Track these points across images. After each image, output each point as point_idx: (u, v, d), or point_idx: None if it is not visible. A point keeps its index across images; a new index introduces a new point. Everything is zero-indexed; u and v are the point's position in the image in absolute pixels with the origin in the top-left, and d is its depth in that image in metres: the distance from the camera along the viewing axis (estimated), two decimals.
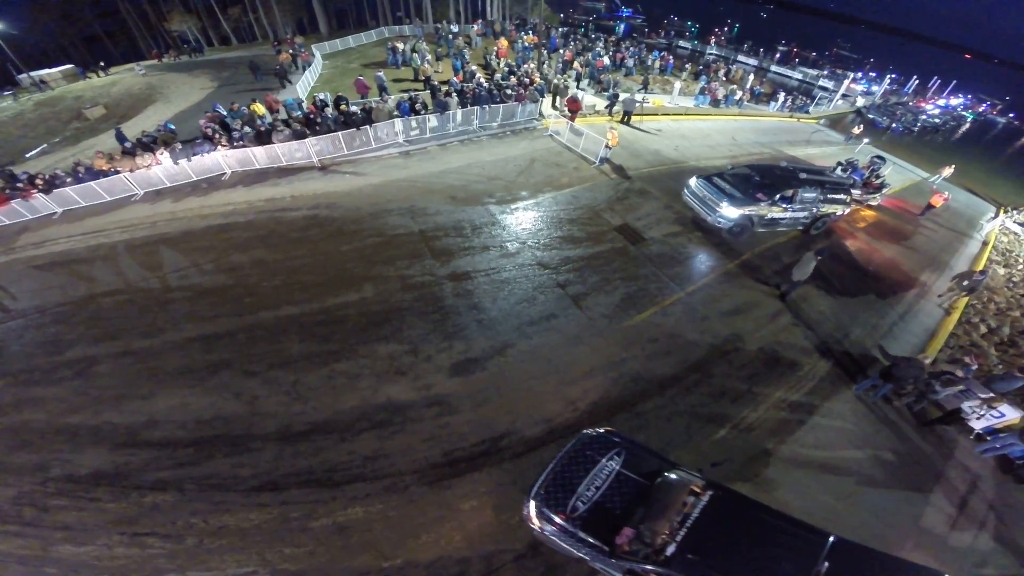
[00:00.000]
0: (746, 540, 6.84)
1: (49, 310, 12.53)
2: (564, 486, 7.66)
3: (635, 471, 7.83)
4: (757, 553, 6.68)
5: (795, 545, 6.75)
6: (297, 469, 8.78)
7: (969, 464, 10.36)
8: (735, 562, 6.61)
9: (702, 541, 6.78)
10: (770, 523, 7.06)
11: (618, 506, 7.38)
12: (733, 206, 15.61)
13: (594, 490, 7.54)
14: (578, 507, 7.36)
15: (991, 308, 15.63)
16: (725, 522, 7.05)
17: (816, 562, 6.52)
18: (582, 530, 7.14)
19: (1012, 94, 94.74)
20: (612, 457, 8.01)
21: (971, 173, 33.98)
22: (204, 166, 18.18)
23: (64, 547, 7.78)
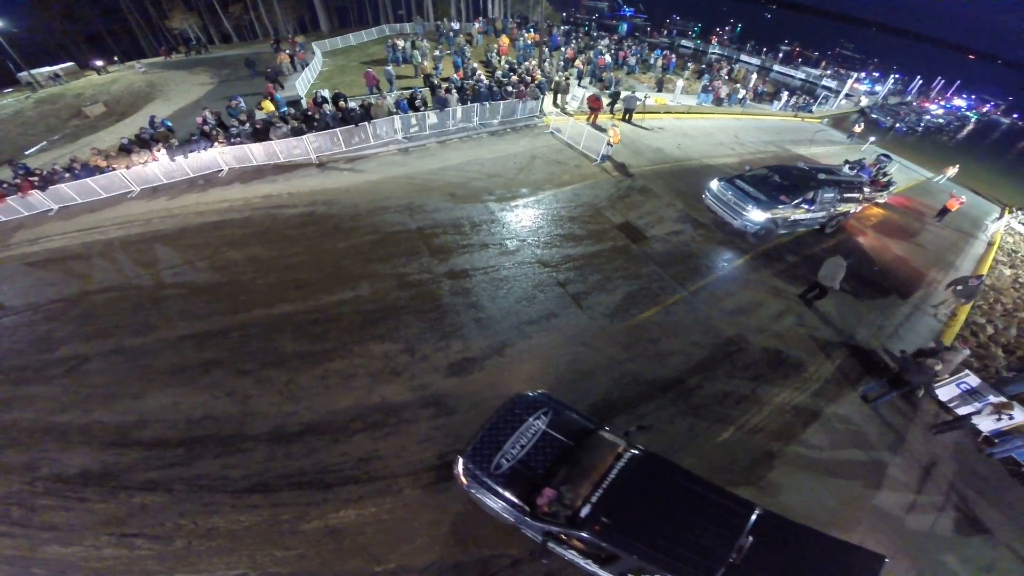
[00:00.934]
0: (665, 506, 6.76)
1: (42, 307, 12.37)
2: (492, 444, 7.65)
3: (561, 432, 7.82)
4: (676, 520, 6.59)
5: (718, 515, 6.65)
6: (289, 471, 8.60)
7: (977, 467, 10.16)
8: (651, 528, 6.50)
9: (617, 505, 6.68)
10: (693, 491, 6.96)
11: (541, 466, 7.38)
12: (760, 210, 15.47)
13: (519, 448, 7.54)
14: (502, 464, 7.38)
15: (998, 309, 15.41)
16: (645, 487, 6.96)
17: (740, 534, 6.45)
18: (504, 488, 7.16)
19: (1016, 95, 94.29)
20: (539, 416, 8.00)
21: (976, 174, 33.85)
22: (201, 163, 18.00)
23: (51, 547, 7.65)
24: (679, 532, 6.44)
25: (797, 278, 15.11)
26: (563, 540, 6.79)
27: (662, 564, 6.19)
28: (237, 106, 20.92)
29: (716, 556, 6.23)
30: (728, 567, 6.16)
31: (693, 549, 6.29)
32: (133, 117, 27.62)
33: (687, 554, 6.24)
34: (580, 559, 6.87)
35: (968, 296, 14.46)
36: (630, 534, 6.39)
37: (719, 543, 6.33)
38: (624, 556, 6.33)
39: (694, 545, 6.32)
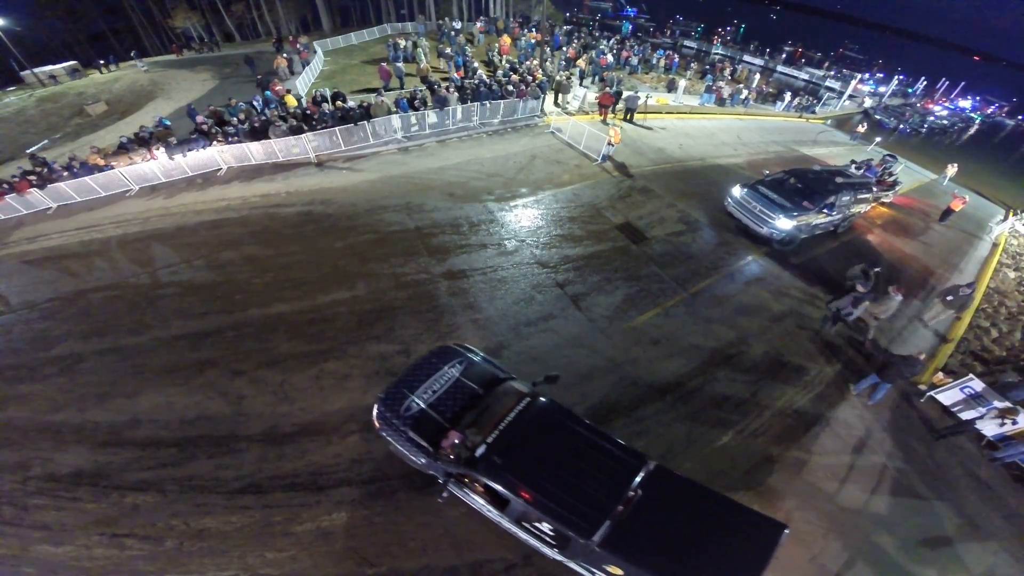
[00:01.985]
0: (558, 453, 6.91)
1: (39, 306, 12.35)
2: (406, 390, 7.93)
3: (474, 380, 8.07)
4: (567, 467, 6.72)
5: (610, 465, 6.81)
6: (282, 472, 8.52)
7: (980, 472, 10.04)
8: (540, 472, 6.64)
9: (511, 448, 6.84)
10: (588, 440, 7.12)
11: (450, 410, 7.63)
12: (787, 217, 15.44)
13: (430, 393, 7.81)
14: (411, 407, 7.65)
15: (1002, 312, 15.24)
16: (540, 433, 7.13)
17: (629, 484, 6.61)
18: (411, 430, 7.41)
19: (1020, 96, 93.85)
20: (455, 365, 8.27)
21: (980, 175, 33.67)
22: (199, 161, 17.97)
23: (43, 547, 7.61)
24: (568, 478, 6.59)
25: (799, 280, 15.04)
26: (466, 483, 7.04)
27: (547, 509, 6.31)
28: (236, 105, 20.84)
29: (602, 506, 6.36)
30: (614, 517, 6.29)
31: (580, 497, 6.42)
32: (135, 115, 27.63)
33: (573, 501, 6.36)
34: (482, 503, 7.10)
35: (960, 307, 13.78)
36: (518, 476, 6.54)
37: (607, 493, 6.47)
38: (513, 499, 6.46)
39: (582, 493, 6.46)
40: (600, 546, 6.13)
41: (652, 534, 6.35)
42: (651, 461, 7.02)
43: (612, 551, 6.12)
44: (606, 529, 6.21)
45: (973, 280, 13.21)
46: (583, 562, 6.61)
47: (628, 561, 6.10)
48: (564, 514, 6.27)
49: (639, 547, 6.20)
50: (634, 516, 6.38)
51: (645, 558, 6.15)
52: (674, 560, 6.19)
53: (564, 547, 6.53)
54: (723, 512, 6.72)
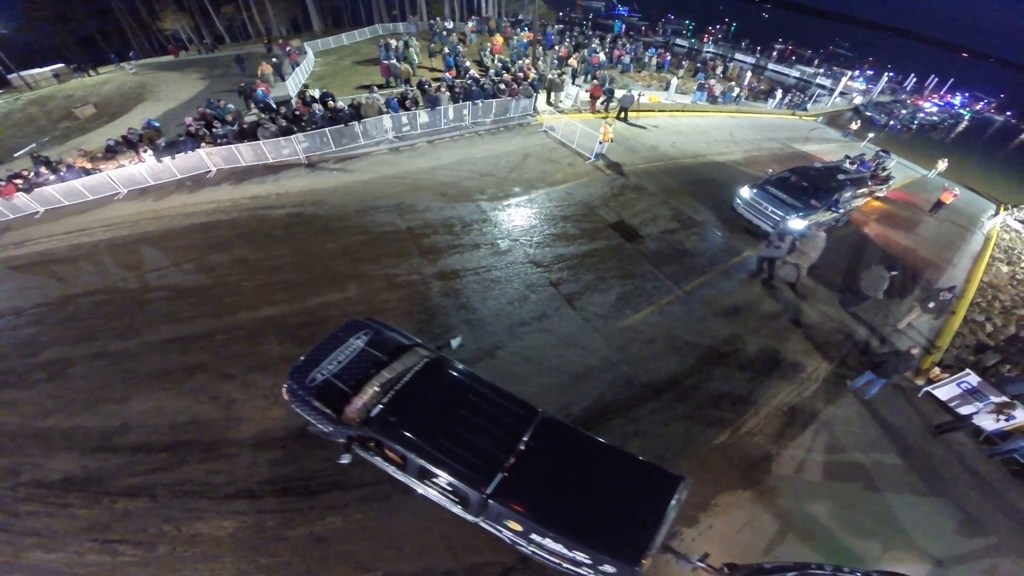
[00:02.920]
0: (452, 408, 7.17)
1: (26, 311, 12.17)
2: (312, 363, 8.10)
3: (379, 349, 8.26)
4: (460, 422, 6.97)
5: (501, 417, 7.09)
6: (273, 476, 8.42)
7: (978, 468, 10.03)
8: (433, 425, 6.92)
9: (406, 407, 7.14)
10: (482, 393, 7.41)
11: (353, 378, 7.77)
12: (799, 217, 15.49)
13: (335, 364, 7.99)
14: (316, 378, 7.82)
15: (996, 306, 15.30)
16: (434, 391, 7.45)
17: (521, 436, 6.86)
18: (316, 399, 7.58)
19: (1009, 92, 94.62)
20: (360, 336, 8.48)
21: (970, 171, 34.00)
22: (189, 164, 17.80)
23: (34, 553, 7.53)
24: (460, 432, 6.84)
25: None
26: (371, 447, 7.30)
27: (440, 463, 6.57)
28: (224, 106, 20.66)
29: (494, 458, 6.60)
30: (506, 469, 6.54)
31: (472, 450, 6.67)
32: (123, 118, 27.36)
33: (465, 454, 6.62)
34: (385, 464, 7.42)
35: (939, 312, 13.30)
36: (410, 432, 6.81)
37: (499, 446, 6.72)
38: (408, 456, 6.71)
39: (474, 446, 6.71)
40: (493, 498, 6.35)
41: (546, 486, 6.59)
42: (542, 412, 7.31)
43: (506, 503, 6.35)
44: (500, 481, 6.44)
45: (955, 284, 12.96)
46: (489, 520, 6.81)
47: (522, 513, 6.31)
48: (456, 467, 6.53)
49: (533, 499, 6.44)
50: (527, 468, 6.63)
51: (539, 509, 6.36)
52: (568, 511, 6.38)
53: (466, 504, 6.74)
54: (619, 464, 6.99)
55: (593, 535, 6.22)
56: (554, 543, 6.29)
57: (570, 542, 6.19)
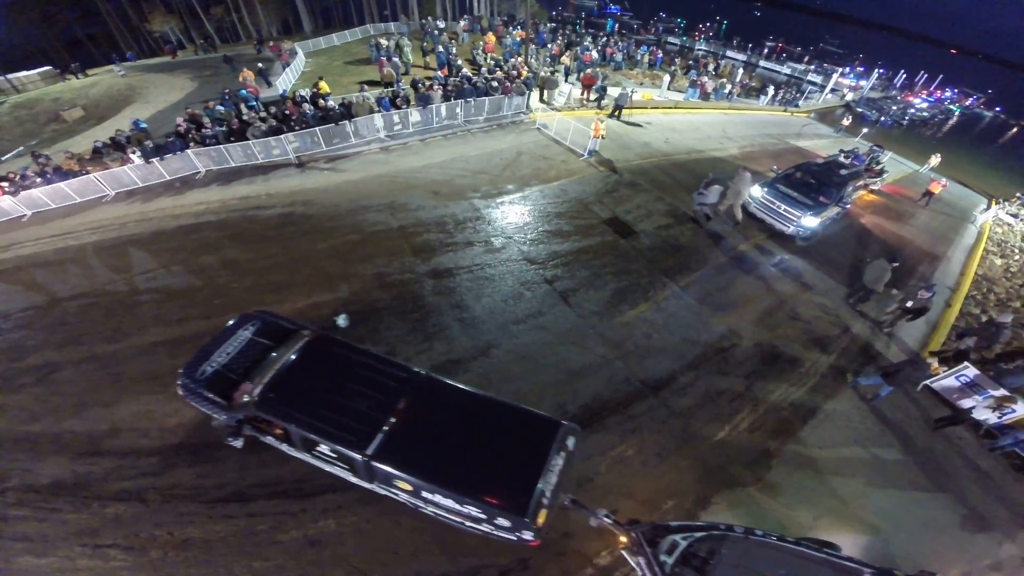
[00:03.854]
0: (331, 379, 7.46)
1: (12, 315, 11.92)
2: (203, 358, 8.32)
3: (267, 337, 8.52)
4: (339, 392, 7.27)
5: (380, 382, 7.40)
6: (265, 479, 8.27)
7: (979, 462, 9.98)
8: (312, 398, 7.22)
9: (287, 383, 7.43)
10: (360, 362, 7.75)
11: (241, 367, 8.05)
12: (812, 215, 15.64)
13: (224, 356, 8.24)
14: (206, 371, 8.06)
15: (991, 299, 15.34)
16: (316, 366, 7.72)
17: (400, 397, 7.18)
18: (206, 389, 7.83)
19: (997, 89, 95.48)
20: (247, 328, 8.72)
21: (961, 165, 34.18)
22: (177, 165, 17.58)
23: (25, 558, 7.40)
24: (340, 401, 7.13)
25: (791, 270, 15.06)
26: (262, 428, 7.53)
27: (321, 432, 6.84)
28: (214, 107, 20.44)
29: (373, 421, 6.87)
30: (386, 430, 6.81)
31: (352, 415, 6.95)
32: (112, 120, 27.05)
33: (346, 421, 6.89)
34: (276, 442, 7.69)
35: (917, 312, 12.65)
36: (290, 406, 7.09)
37: (378, 409, 7.00)
38: (290, 428, 6.98)
39: (353, 412, 6.99)
40: (376, 458, 6.61)
41: (429, 442, 6.86)
42: (423, 372, 7.65)
43: (390, 462, 6.59)
44: (380, 442, 6.70)
45: (934, 283, 12.83)
46: (380, 484, 7.09)
47: (406, 471, 6.55)
48: (336, 432, 6.82)
49: (415, 456, 6.68)
50: (408, 427, 6.92)
51: (421, 465, 6.59)
52: (450, 464, 6.65)
53: (355, 469, 6.99)
54: (500, 416, 7.29)
55: (475, 485, 6.47)
56: (444, 499, 6.54)
57: (455, 495, 6.42)
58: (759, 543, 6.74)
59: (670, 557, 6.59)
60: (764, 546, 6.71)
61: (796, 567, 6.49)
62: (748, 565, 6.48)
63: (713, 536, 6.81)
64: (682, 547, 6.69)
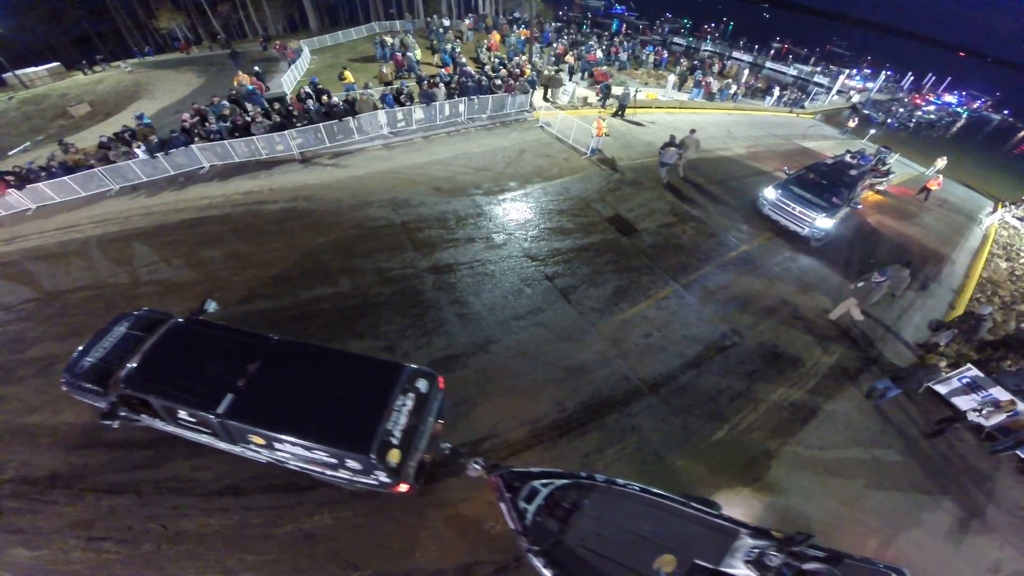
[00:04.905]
0: (187, 353, 7.82)
1: (15, 308, 12.00)
2: (83, 355, 8.79)
3: (140, 329, 9.01)
4: (194, 362, 7.59)
5: (233, 349, 7.76)
6: (260, 473, 8.23)
7: (980, 464, 9.86)
8: (168, 370, 7.55)
9: (148, 362, 7.72)
10: (216, 336, 8.14)
11: (117, 357, 8.52)
12: (827, 216, 15.66)
13: (102, 351, 8.73)
14: (84, 365, 8.57)
15: (996, 302, 15.19)
16: (175, 344, 8.02)
17: (251, 360, 7.50)
18: (84, 381, 8.34)
19: (1006, 91, 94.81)
20: (122, 324, 9.21)
21: (968, 168, 33.90)
22: (181, 160, 17.65)
23: (18, 550, 7.44)
24: (192, 369, 7.46)
25: (793, 270, 14.94)
26: (136, 407, 7.78)
27: (178, 399, 7.19)
28: (219, 103, 20.47)
29: (224, 384, 7.18)
30: (237, 390, 7.12)
31: (202, 380, 7.28)
32: (118, 116, 27.17)
33: (199, 387, 7.21)
34: (149, 420, 7.93)
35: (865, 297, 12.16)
36: (151, 380, 7.42)
37: (228, 373, 7.33)
38: (151, 399, 7.33)
39: (203, 377, 7.32)
40: (227, 417, 6.92)
41: (276, 397, 7.18)
42: (273, 338, 7.97)
43: (240, 419, 6.92)
44: (230, 402, 7.00)
45: (887, 267, 12.71)
46: (242, 444, 7.38)
47: (254, 424, 6.89)
48: (190, 397, 7.16)
49: (264, 410, 6.99)
50: (259, 386, 7.24)
51: (268, 416, 6.92)
52: (297, 413, 6.95)
53: (215, 432, 7.30)
54: (346, 366, 7.67)
55: (319, 429, 6.77)
56: (293, 446, 6.87)
57: (301, 440, 6.73)
58: (625, 495, 6.97)
59: (530, 504, 6.83)
60: (629, 498, 6.93)
61: (662, 521, 6.62)
62: (611, 518, 6.67)
63: (577, 485, 7.06)
64: (542, 494, 6.94)
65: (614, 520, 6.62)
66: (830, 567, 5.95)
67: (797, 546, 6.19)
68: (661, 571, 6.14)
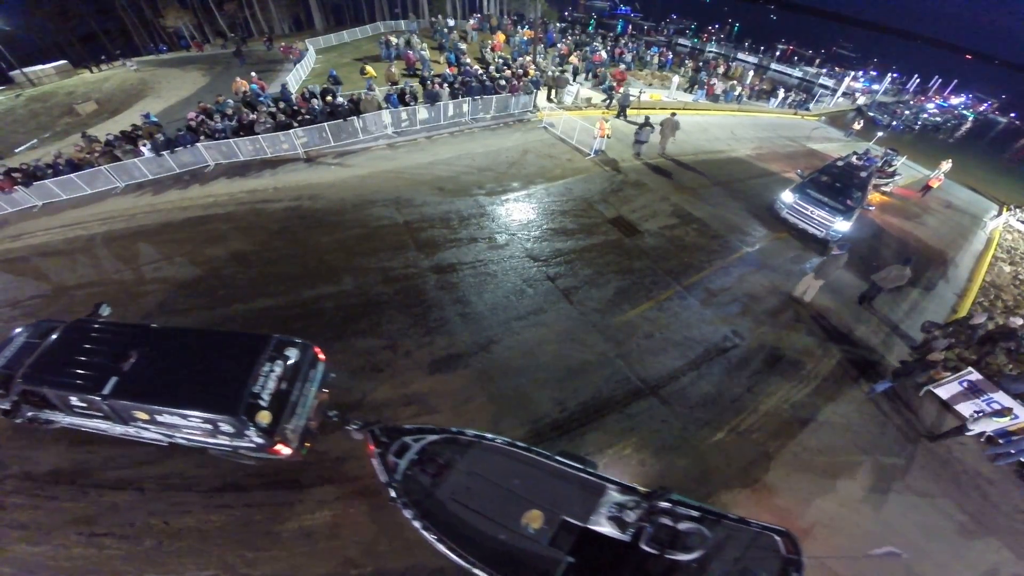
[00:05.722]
0: (79, 347, 8.06)
1: (21, 303, 12.14)
2: None
3: (39, 336, 9.14)
4: (85, 351, 7.93)
5: (116, 339, 8.10)
6: (262, 470, 8.28)
7: (980, 468, 9.82)
8: (57, 365, 7.86)
9: (44, 361, 7.98)
10: (105, 329, 8.51)
11: (18, 363, 8.55)
12: (844, 219, 15.82)
13: (3, 359, 8.92)
14: None
15: (999, 306, 15.14)
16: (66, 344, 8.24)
17: (133, 346, 7.84)
18: None
19: (1012, 94, 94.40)
20: (23, 334, 9.48)
21: (973, 171, 33.78)
22: (187, 158, 17.77)
23: (20, 546, 7.46)
24: (84, 361, 7.81)
25: (795, 272, 14.86)
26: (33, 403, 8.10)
27: (67, 387, 7.57)
28: (224, 101, 20.58)
29: (108, 369, 7.54)
30: (120, 374, 7.47)
31: (91, 368, 7.65)
32: (125, 114, 27.39)
33: (85, 374, 7.59)
34: (50, 414, 8.26)
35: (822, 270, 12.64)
36: (44, 374, 7.77)
37: (112, 359, 7.70)
38: (46, 393, 7.70)
39: (93, 365, 7.70)
40: (112, 397, 7.30)
41: (154, 375, 7.56)
42: (152, 326, 8.41)
43: (124, 397, 7.32)
44: (114, 384, 7.38)
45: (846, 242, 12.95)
46: (131, 424, 7.76)
47: (136, 399, 7.32)
48: (77, 383, 7.54)
49: (143, 387, 7.41)
50: (139, 368, 7.61)
51: (149, 392, 7.34)
52: (172, 386, 7.38)
53: (106, 415, 7.68)
54: (220, 343, 8.17)
55: (191, 397, 7.22)
56: (171, 417, 7.29)
57: (176, 408, 7.16)
58: (497, 451, 7.20)
59: (401, 459, 7.08)
60: (500, 453, 7.16)
61: (532, 477, 6.83)
62: (482, 472, 6.91)
63: (448, 440, 7.34)
64: (414, 448, 7.22)
65: (484, 475, 6.88)
66: (699, 526, 6.05)
67: (657, 500, 6.33)
68: (528, 526, 6.30)
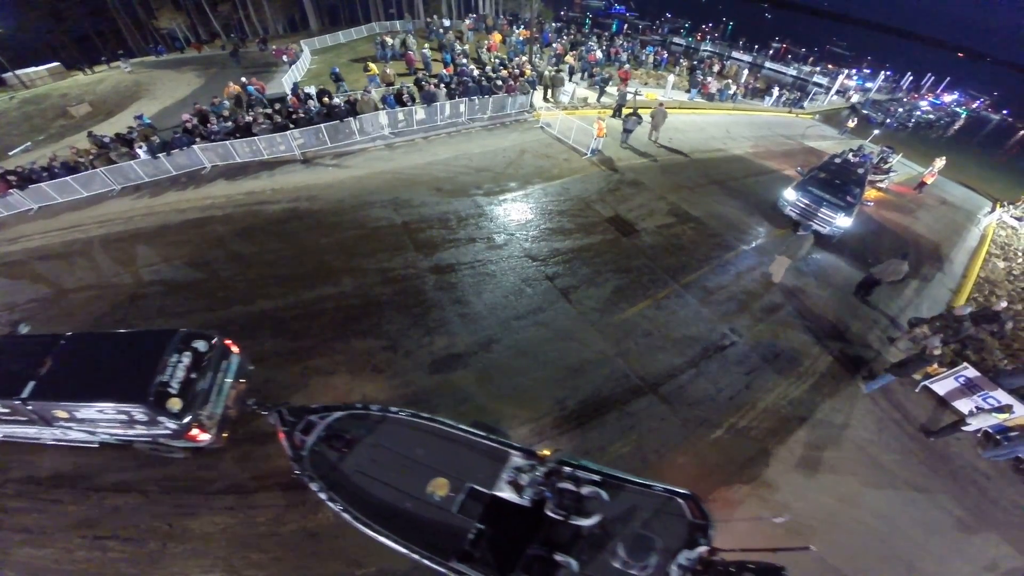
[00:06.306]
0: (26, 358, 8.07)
1: (19, 307, 12.07)
2: None
3: None
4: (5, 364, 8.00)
5: (31, 349, 8.19)
6: (265, 471, 8.32)
7: (977, 464, 9.91)
8: None
9: None
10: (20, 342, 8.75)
11: None
12: (846, 215, 16.04)
13: None
14: None
15: (993, 301, 15.23)
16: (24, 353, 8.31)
17: (47, 353, 7.90)
18: None
19: (1004, 91, 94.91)
20: None
21: (966, 168, 33.89)
22: (183, 160, 17.71)
23: (24, 550, 7.47)
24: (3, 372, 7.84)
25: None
26: None
27: None
28: (220, 103, 20.54)
29: (26, 375, 7.66)
30: (37, 379, 7.60)
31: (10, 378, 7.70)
32: (119, 116, 27.23)
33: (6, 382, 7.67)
34: None
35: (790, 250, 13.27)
36: None
37: (30, 367, 7.76)
38: None
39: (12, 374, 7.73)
40: (30, 400, 7.48)
41: (69, 375, 7.72)
42: (68, 334, 8.35)
43: (43, 398, 7.52)
44: (33, 387, 7.55)
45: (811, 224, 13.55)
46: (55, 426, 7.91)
47: (53, 399, 7.51)
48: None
49: (59, 387, 7.58)
50: (55, 371, 7.74)
51: (64, 391, 7.54)
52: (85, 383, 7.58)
53: (30, 419, 7.86)
54: (127, 341, 8.32)
55: (104, 390, 7.43)
56: (87, 411, 7.48)
57: (90, 402, 7.37)
58: (401, 422, 7.47)
59: (308, 437, 7.23)
60: (405, 425, 7.41)
61: (438, 447, 7.10)
62: (387, 444, 7.17)
63: (355, 416, 7.55)
64: (321, 426, 7.38)
65: (390, 447, 7.12)
66: (597, 490, 6.13)
67: (553, 463, 6.48)
68: (435, 494, 6.49)
